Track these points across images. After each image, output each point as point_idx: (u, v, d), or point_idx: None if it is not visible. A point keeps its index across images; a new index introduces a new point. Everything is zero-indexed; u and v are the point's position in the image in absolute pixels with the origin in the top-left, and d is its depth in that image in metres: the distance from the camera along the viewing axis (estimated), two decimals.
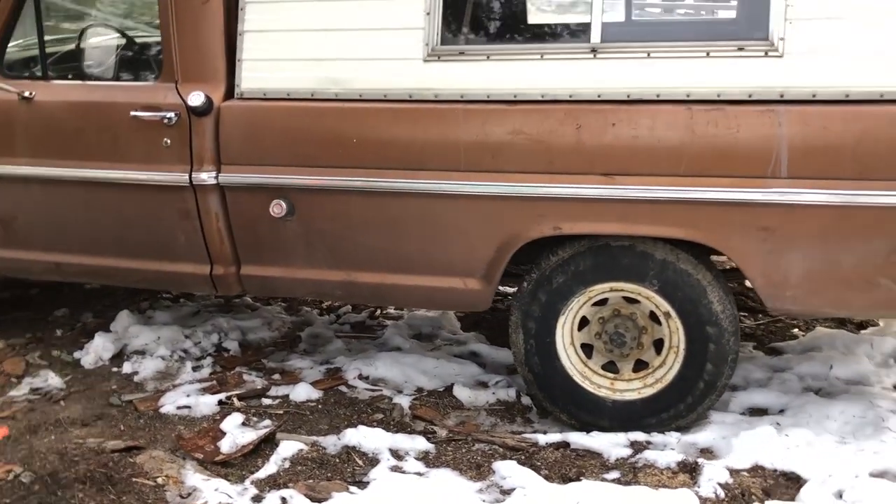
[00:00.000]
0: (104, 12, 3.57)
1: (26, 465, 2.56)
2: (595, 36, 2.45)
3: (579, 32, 2.60)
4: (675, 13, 3.19)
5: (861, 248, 2.36)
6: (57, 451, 2.64)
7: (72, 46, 3.29)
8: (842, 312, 3.07)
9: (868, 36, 2.27)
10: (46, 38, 3.07)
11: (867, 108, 2.29)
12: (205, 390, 3.10)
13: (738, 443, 2.55)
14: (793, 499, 2.32)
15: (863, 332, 3.51)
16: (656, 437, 2.68)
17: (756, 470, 2.46)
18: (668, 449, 2.60)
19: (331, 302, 4.06)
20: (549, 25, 2.82)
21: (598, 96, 2.46)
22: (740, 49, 2.36)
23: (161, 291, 4.12)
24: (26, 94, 2.94)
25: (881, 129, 2.28)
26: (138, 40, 3.45)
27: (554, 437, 2.72)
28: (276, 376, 3.24)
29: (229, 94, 2.79)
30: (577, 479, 2.44)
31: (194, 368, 3.30)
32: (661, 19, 3.20)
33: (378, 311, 3.98)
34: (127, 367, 3.31)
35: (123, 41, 3.42)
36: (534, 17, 2.89)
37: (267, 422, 2.85)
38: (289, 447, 2.65)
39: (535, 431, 2.81)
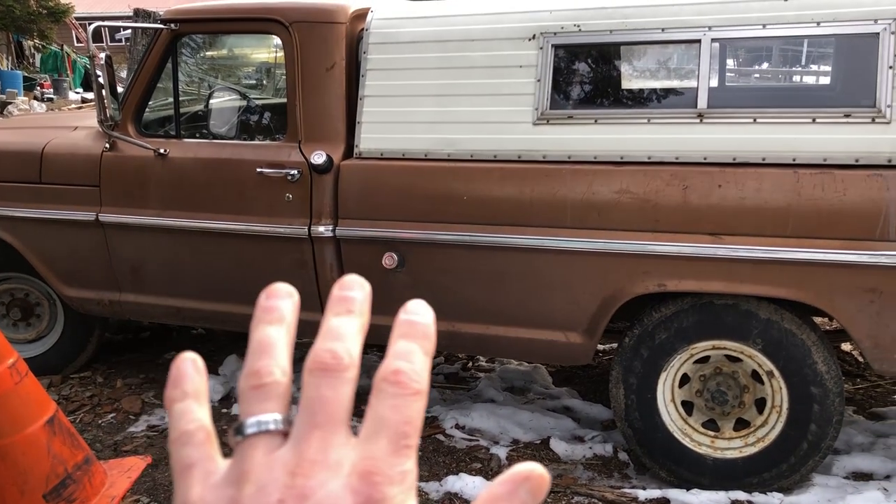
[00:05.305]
0: (233, 77, 3.85)
1: (152, 496, 2.72)
2: (702, 102, 2.55)
3: (685, 98, 2.70)
4: (779, 80, 3.26)
5: None
6: None
7: (199, 108, 3.57)
8: None
9: None
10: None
11: None
12: None
13: None
14: None
15: None
16: (758, 497, 2.68)
17: None
18: None
19: None
20: (655, 91, 2.93)
21: (705, 159, 2.55)
22: (847, 116, 2.42)
23: None
24: (161, 150, 3.18)
25: None
26: (259, 103, 3.71)
27: (654, 492, 2.74)
28: None
29: (348, 153, 2.97)
30: None
31: None
32: (767, 86, 3.27)
33: (471, 363, 4.08)
34: (235, 409, 3.47)
35: (244, 103, 3.70)
36: (640, 84, 3.00)
37: None
38: None
39: (633, 487, 2.84)
